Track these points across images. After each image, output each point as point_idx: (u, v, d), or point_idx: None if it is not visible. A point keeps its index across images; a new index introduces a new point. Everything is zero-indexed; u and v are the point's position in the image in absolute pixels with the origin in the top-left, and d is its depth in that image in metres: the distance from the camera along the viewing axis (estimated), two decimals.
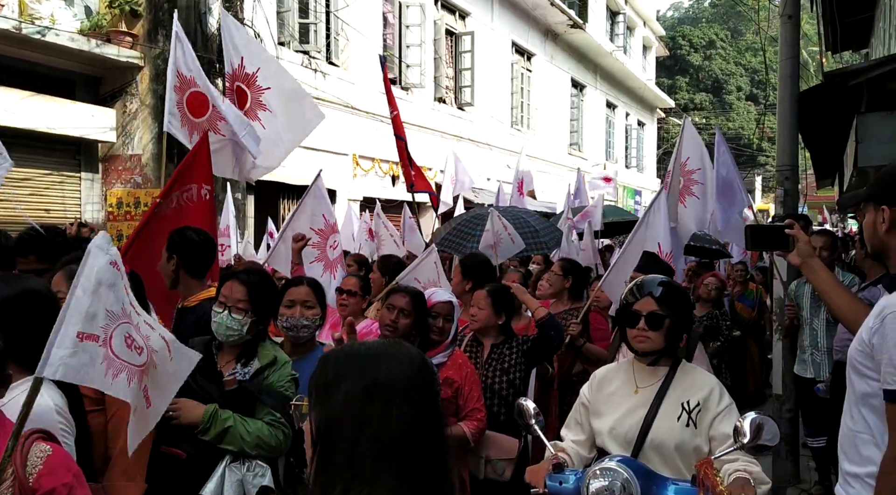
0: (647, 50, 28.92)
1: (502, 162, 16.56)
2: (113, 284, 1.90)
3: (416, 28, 13.25)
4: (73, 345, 1.76)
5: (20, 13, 7.19)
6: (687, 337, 2.51)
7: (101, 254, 1.89)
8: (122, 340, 1.92)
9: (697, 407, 2.37)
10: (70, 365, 1.76)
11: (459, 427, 3.37)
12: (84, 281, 1.84)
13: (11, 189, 7.44)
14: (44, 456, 1.71)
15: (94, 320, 1.83)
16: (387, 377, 1.18)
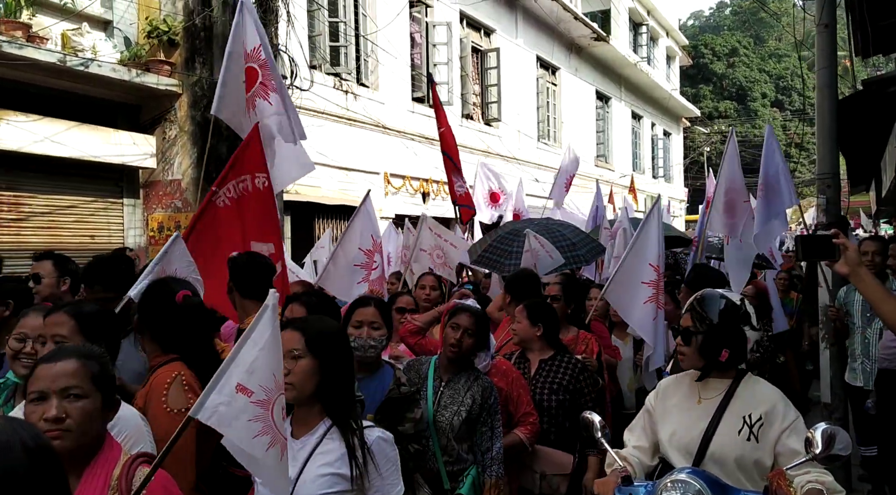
0: (670, 60, 28.86)
1: (530, 176, 16.60)
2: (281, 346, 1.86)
3: (442, 46, 13.40)
4: (231, 395, 1.76)
5: (63, 46, 7.41)
6: (728, 351, 2.43)
7: (276, 313, 1.85)
8: (281, 410, 1.86)
9: (760, 421, 2.35)
10: (222, 414, 1.75)
11: (514, 434, 3.40)
12: (256, 335, 1.81)
13: (58, 216, 7.64)
14: (146, 479, 1.78)
15: (254, 376, 1.80)
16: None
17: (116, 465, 1.83)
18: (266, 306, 1.85)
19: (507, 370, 3.51)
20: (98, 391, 1.84)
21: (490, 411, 3.18)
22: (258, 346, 1.80)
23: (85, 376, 1.83)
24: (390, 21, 11.67)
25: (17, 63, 6.75)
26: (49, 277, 4.01)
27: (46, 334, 2.43)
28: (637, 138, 24.84)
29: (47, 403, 1.78)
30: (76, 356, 1.88)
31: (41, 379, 1.82)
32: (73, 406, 1.78)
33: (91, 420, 1.81)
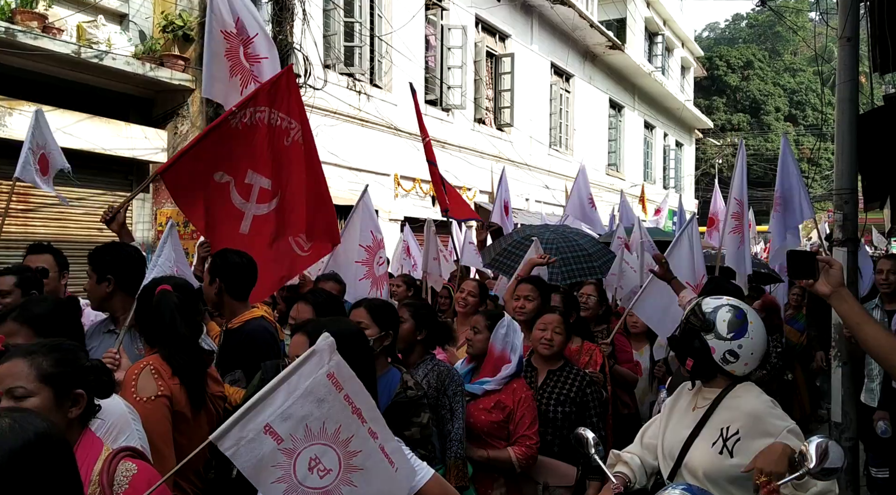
0: (685, 70, 28.79)
1: (541, 182, 16.55)
2: (322, 400, 1.76)
3: (457, 50, 13.37)
4: (257, 433, 1.69)
5: (78, 38, 7.41)
6: (693, 360, 2.46)
7: (322, 361, 1.77)
8: (307, 462, 1.77)
9: (736, 435, 2.29)
10: (244, 450, 1.68)
11: (506, 450, 3.36)
12: (294, 379, 1.73)
13: (66, 208, 7.62)
14: (130, 474, 1.74)
15: (286, 422, 1.72)
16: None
17: (97, 460, 1.79)
18: (313, 351, 1.76)
19: (518, 389, 3.45)
20: (48, 386, 1.79)
21: (447, 394, 3.18)
22: (296, 392, 1.72)
23: (29, 375, 1.79)
24: (405, 23, 11.64)
25: (31, 53, 6.74)
26: (53, 271, 3.97)
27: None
28: (649, 148, 24.76)
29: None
30: (22, 355, 1.84)
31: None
32: (20, 405, 1.75)
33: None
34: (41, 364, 1.81)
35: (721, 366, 2.40)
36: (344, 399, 1.79)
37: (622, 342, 4.89)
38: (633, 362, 4.94)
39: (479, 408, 3.38)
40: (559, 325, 3.71)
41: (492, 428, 3.37)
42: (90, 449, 1.81)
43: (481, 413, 3.38)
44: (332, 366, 1.77)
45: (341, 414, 1.79)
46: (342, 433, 1.79)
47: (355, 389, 1.82)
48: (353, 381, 1.81)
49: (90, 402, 1.88)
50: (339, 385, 1.78)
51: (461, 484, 3.09)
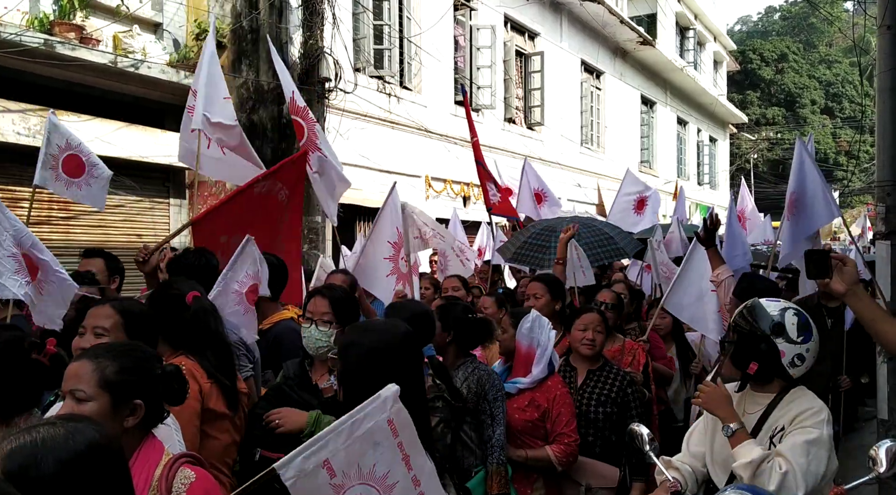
0: (717, 65, 28.37)
1: (573, 181, 16.44)
2: (378, 443, 1.83)
3: (486, 50, 13.34)
4: (316, 467, 1.74)
5: (115, 48, 7.55)
6: (758, 364, 2.36)
7: (386, 406, 1.83)
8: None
9: (781, 432, 2.25)
10: (301, 482, 1.72)
11: (544, 449, 3.32)
12: (361, 418, 1.79)
13: (106, 215, 7.77)
14: (188, 482, 1.75)
15: (342, 459, 1.77)
16: None
17: (158, 465, 1.81)
18: (378, 395, 1.82)
19: (553, 386, 3.41)
20: (107, 393, 1.80)
21: (487, 399, 3.15)
22: (358, 432, 1.78)
23: (91, 379, 1.80)
24: (434, 24, 11.65)
25: (69, 64, 6.89)
26: (101, 275, 4.05)
27: (87, 325, 2.40)
28: (682, 144, 24.45)
29: (63, 403, 1.83)
30: (91, 357, 1.86)
31: (63, 379, 1.86)
32: (78, 408, 1.77)
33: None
34: (105, 369, 1.81)
35: (787, 370, 2.34)
36: (397, 446, 1.87)
37: (655, 339, 4.84)
38: (668, 358, 4.90)
39: (513, 407, 3.35)
40: (599, 324, 3.66)
41: (527, 427, 3.34)
42: (151, 455, 1.82)
43: (515, 412, 3.35)
44: (393, 412, 1.84)
45: (392, 459, 1.86)
46: (389, 478, 1.86)
47: (409, 438, 1.90)
48: (408, 429, 1.89)
49: (157, 409, 1.89)
50: (396, 431, 1.86)
51: (503, 490, 3.07)
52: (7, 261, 3.23)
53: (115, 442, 1.44)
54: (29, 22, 6.78)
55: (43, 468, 1.27)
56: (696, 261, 4.74)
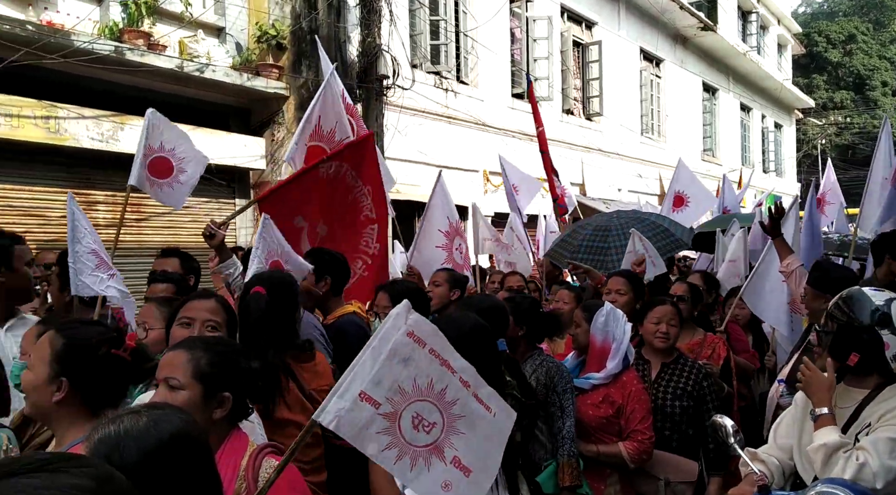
0: (782, 48, 27.46)
1: (633, 171, 16.16)
2: (408, 358, 1.79)
3: (543, 41, 13.21)
4: (353, 401, 1.72)
5: (180, 53, 7.74)
6: (859, 356, 2.26)
7: (399, 322, 1.80)
8: (410, 421, 1.81)
9: (868, 427, 2.16)
10: (345, 419, 1.71)
11: (617, 446, 3.26)
12: (378, 343, 1.77)
13: (176, 216, 7.98)
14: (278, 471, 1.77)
15: (379, 387, 1.75)
16: None
17: (244, 456, 1.85)
18: (390, 316, 1.80)
19: (628, 382, 3.35)
20: (199, 384, 1.86)
21: (557, 391, 3.12)
22: (381, 356, 1.75)
23: (186, 369, 1.86)
24: (490, 17, 11.59)
25: (138, 70, 7.09)
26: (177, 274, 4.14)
27: (197, 318, 2.44)
28: (746, 131, 23.77)
29: (157, 390, 1.89)
30: (187, 347, 1.92)
31: (158, 366, 1.92)
32: (171, 395, 1.83)
33: (189, 410, 1.78)
34: (199, 360, 1.87)
35: (890, 364, 2.24)
36: (429, 353, 1.83)
37: (737, 331, 4.68)
38: (750, 352, 4.73)
39: (586, 404, 3.30)
40: (673, 317, 3.58)
41: (601, 424, 3.29)
42: (237, 446, 1.87)
43: (589, 408, 3.30)
44: (411, 324, 1.80)
45: (430, 367, 1.83)
46: (436, 385, 1.83)
47: (439, 344, 1.85)
48: (435, 336, 1.84)
49: (240, 404, 1.93)
50: (422, 341, 1.82)
51: (575, 482, 3.03)
52: (87, 258, 3.31)
53: (199, 431, 1.45)
54: (100, 30, 7.01)
55: (126, 456, 1.29)
56: (772, 251, 4.60)
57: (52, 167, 6.91)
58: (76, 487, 0.74)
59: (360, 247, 4.62)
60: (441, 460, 1.83)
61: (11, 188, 6.70)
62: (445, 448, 1.84)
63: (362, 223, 4.66)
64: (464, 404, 1.87)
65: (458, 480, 1.84)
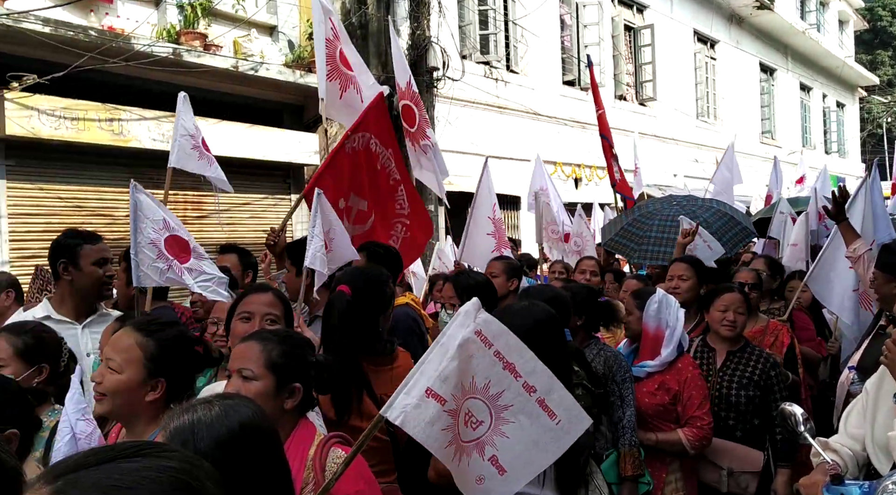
0: (843, 25, 26.47)
1: (689, 156, 15.84)
2: (472, 356, 1.80)
3: (593, 27, 13.04)
4: (420, 398, 1.73)
5: (235, 53, 7.89)
6: None
7: (468, 321, 1.80)
8: (463, 417, 1.84)
9: None
10: (411, 415, 1.73)
11: (676, 433, 3.23)
12: (446, 340, 1.78)
13: (235, 213, 8.19)
14: (340, 461, 1.82)
15: (446, 383, 1.76)
16: None
17: (311, 445, 1.89)
18: (459, 313, 1.80)
19: (683, 368, 3.30)
20: (272, 374, 1.90)
21: (616, 381, 3.09)
22: (448, 353, 1.76)
23: (259, 360, 1.91)
24: (539, 4, 11.49)
25: (195, 70, 7.27)
26: (235, 269, 4.23)
27: (256, 312, 2.47)
28: (806, 111, 23.02)
29: (229, 381, 1.93)
30: (259, 339, 1.97)
31: (230, 358, 1.98)
32: (244, 386, 1.88)
33: (261, 400, 1.84)
34: (272, 352, 1.92)
35: None
36: (494, 355, 1.82)
37: (802, 319, 4.56)
38: (816, 340, 4.60)
39: (642, 391, 3.27)
40: (741, 305, 3.51)
41: (658, 411, 3.25)
42: (305, 436, 1.91)
43: (645, 396, 3.27)
44: (479, 323, 1.79)
45: (491, 369, 1.82)
46: (492, 387, 1.83)
47: (507, 345, 1.83)
48: (504, 337, 1.83)
49: (308, 395, 1.98)
50: (489, 341, 1.81)
51: (637, 471, 3.01)
52: (148, 249, 3.35)
53: (267, 421, 1.48)
54: (158, 33, 7.20)
55: (199, 444, 1.33)
56: (838, 236, 4.44)
57: (116, 168, 7.14)
58: (172, 469, 0.79)
59: (396, 212, 4.62)
60: (480, 456, 1.85)
61: (79, 189, 6.96)
62: (487, 446, 1.86)
63: (392, 188, 4.63)
64: (518, 410, 1.86)
65: (492, 476, 1.85)
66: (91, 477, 0.76)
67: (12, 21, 5.93)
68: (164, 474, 0.78)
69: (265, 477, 1.44)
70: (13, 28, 5.97)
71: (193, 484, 0.80)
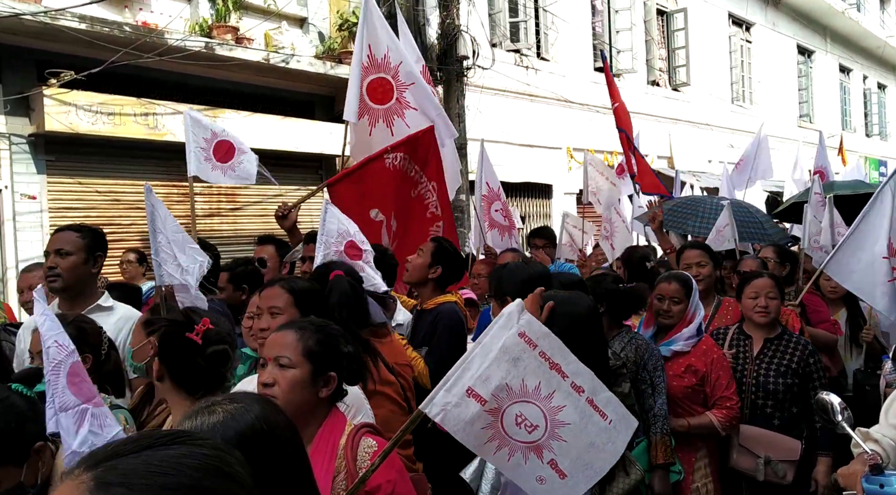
0: (885, 3, 25.70)
1: (724, 141, 15.57)
2: (517, 358, 1.79)
3: (625, 12, 12.86)
4: (460, 397, 1.75)
5: (266, 45, 7.95)
6: None
7: (511, 322, 1.80)
8: (514, 418, 1.82)
9: None
10: (451, 414, 1.74)
11: (706, 415, 3.24)
12: (488, 340, 1.79)
13: (268, 205, 8.26)
14: (371, 451, 1.83)
15: (487, 384, 1.77)
16: None
17: (342, 435, 1.91)
18: (502, 315, 1.81)
19: (708, 350, 3.31)
20: (309, 362, 1.92)
21: (647, 368, 3.09)
22: (491, 354, 1.76)
23: (296, 348, 1.92)
24: None
25: (227, 64, 7.34)
26: (272, 261, 4.25)
27: (263, 306, 2.55)
28: (846, 94, 22.45)
29: (264, 369, 1.94)
30: (294, 328, 2.00)
31: (265, 347, 2.01)
32: (281, 373, 1.90)
33: (299, 388, 1.89)
34: (308, 340, 1.95)
35: None
36: (539, 356, 1.81)
37: (815, 302, 4.50)
38: (831, 321, 4.54)
39: (669, 374, 3.26)
40: (772, 289, 3.46)
41: (686, 394, 3.27)
42: (336, 426, 1.93)
43: (673, 379, 3.27)
44: (523, 324, 1.79)
45: (539, 370, 1.81)
46: (543, 389, 1.82)
47: (551, 346, 1.83)
48: (547, 338, 1.82)
49: (339, 385, 2.00)
50: (533, 342, 1.81)
51: (669, 460, 3.00)
52: (170, 248, 3.38)
53: (276, 423, 1.39)
54: (191, 28, 7.28)
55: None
56: (871, 223, 4.27)
57: (151, 161, 7.25)
58: (206, 455, 0.83)
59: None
60: (539, 458, 1.85)
61: (115, 183, 7.09)
62: (545, 450, 1.85)
63: (429, 220, 4.68)
64: (572, 411, 1.85)
65: (552, 478, 1.85)
66: (130, 464, 0.79)
67: (49, 19, 6.04)
68: (200, 460, 0.81)
69: (276, 484, 1.36)
70: (50, 25, 6.08)
71: (226, 470, 0.83)
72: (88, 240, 3.15)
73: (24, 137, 6.42)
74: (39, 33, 6.24)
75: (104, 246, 3.28)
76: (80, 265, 3.11)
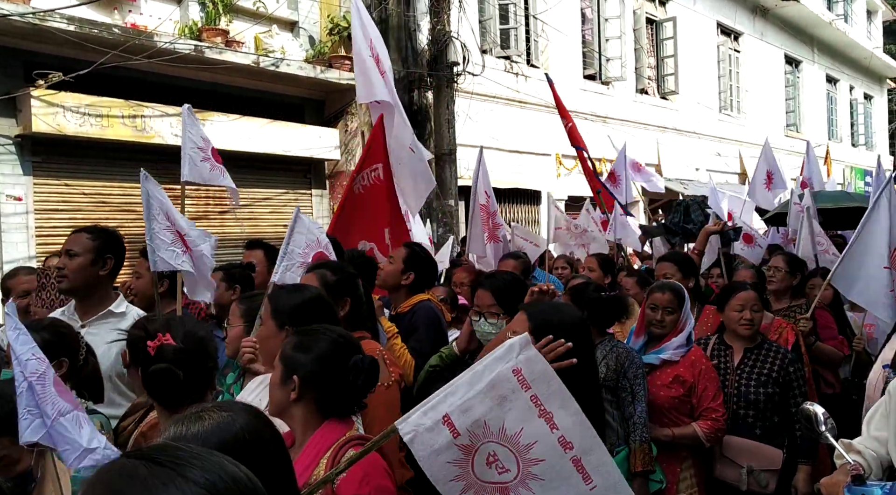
0: (871, 15, 26.00)
1: (711, 150, 15.69)
2: (504, 397, 1.65)
3: (614, 20, 12.94)
4: (435, 421, 1.63)
5: (256, 48, 7.94)
6: None
7: (509, 355, 1.66)
8: (485, 457, 1.68)
9: None
10: (422, 437, 1.63)
11: (691, 426, 3.24)
12: (480, 369, 1.67)
13: (256, 208, 8.25)
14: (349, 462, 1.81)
15: (465, 416, 1.64)
16: None
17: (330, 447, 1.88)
18: (503, 346, 1.70)
19: (697, 360, 3.32)
20: (299, 377, 1.95)
21: (627, 377, 3.10)
22: (478, 385, 1.64)
23: (287, 363, 1.97)
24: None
25: (217, 67, 7.32)
26: (261, 266, 4.23)
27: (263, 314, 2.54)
28: (832, 104, 22.66)
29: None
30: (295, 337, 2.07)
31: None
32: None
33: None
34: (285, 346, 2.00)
35: None
36: (530, 399, 1.66)
37: (825, 317, 4.50)
38: (839, 339, 4.55)
39: (657, 385, 3.28)
40: (756, 302, 3.50)
41: (673, 404, 3.27)
42: (327, 437, 1.90)
43: (660, 389, 3.27)
44: (521, 361, 1.64)
45: (524, 416, 1.65)
46: (524, 437, 1.67)
47: (548, 392, 1.66)
48: (545, 382, 1.66)
49: (337, 399, 1.96)
50: (527, 383, 1.65)
51: (647, 467, 3.02)
52: (164, 234, 3.37)
53: (262, 436, 1.38)
54: (180, 30, 7.26)
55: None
56: (873, 233, 4.29)
57: (139, 164, 7.10)
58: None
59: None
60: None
61: (103, 185, 7.05)
62: (511, 493, 1.71)
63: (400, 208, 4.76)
64: (549, 466, 1.68)
65: None
66: None
67: (38, 19, 6.01)
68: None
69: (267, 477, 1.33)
70: (39, 26, 6.05)
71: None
72: (98, 243, 3.15)
73: (10, 138, 6.38)
74: (27, 34, 6.21)
75: (117, 249, 3.25)
76: (87, 267, 3.10)
